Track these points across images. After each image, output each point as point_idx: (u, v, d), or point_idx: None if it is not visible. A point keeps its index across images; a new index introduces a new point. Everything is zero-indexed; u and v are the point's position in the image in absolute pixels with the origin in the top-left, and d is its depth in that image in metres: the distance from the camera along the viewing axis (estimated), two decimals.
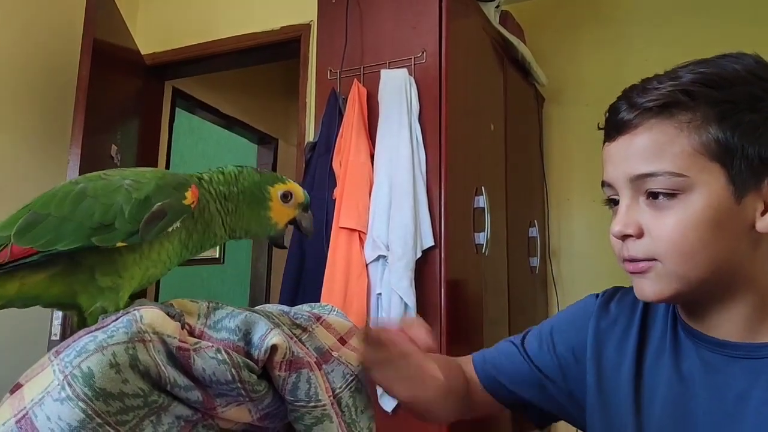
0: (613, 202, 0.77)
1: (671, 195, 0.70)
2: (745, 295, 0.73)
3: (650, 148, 0.71)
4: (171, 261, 0.67)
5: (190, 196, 0.65)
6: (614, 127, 0.75)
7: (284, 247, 0.77)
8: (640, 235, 0.73)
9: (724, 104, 0.69)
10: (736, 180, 0.69)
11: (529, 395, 0.94)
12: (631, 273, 0.75)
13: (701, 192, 0.69)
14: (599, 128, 0.79)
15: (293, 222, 0.76)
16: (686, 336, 0.79)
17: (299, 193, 0.75)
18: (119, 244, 0.61)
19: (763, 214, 0.70)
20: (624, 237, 0.74)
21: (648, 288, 0.74)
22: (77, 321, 0.65)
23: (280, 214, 0.74)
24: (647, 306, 0.86)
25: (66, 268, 0.62)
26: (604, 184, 0.78)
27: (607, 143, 0.77)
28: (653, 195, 0.71)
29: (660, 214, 0.71)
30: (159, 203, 0.63)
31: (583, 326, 0.91)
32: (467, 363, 1.00)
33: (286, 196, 0.74)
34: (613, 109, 0.76)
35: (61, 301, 0.63)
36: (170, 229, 0.64)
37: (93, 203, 0.62)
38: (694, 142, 0.69)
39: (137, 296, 0.67)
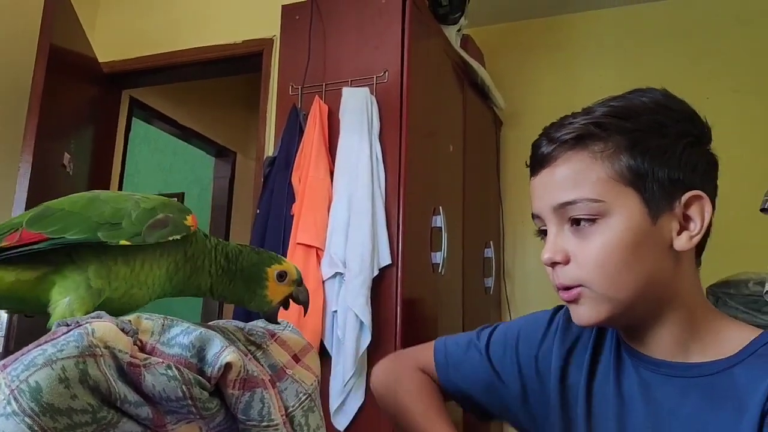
0: (544, 233, 0.81)
1: (592, 220, 0.74)
2: (673, 314, 0.77)
3: (569, 178, 0.75)
4: (154, 289, 0.70)
5: (191, 220, 0.70)
6: (537, 161, 0.80)
7: (277, 323, 0.81)
8: (567, 261, 0.76)
9: (633, 133, 0.74)
10: (650, 202, 0.73)
11: (482, 397, 0.97)
12: (566, 301, 0.79)
13: (619, 215, 0.73)
14: (527, 165, 0.84)
15: (289, 297, 0.80)
16: (627, 355, 0.83)
17: (293, 271, 0.79)
18: (123, 242, 0.65)
19: (678, 233, 0.75)
20: (553, 264, 0.78)
21: (582, 314, 0.77)
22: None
23: (275, 292, 0.78)
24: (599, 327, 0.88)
25: (61, 267, 0.65)
26: (534, 216, 0.82)
27: (532, 177, 0.82)
28: (576, 222, 0.75)
29: (583, 240, 0.75)
30: (163, 214, 0.68)
31: (546, 339, 0.93)
32: (428, 356, 1.02)
33: (282, 276, 0.78)
34: (535, 146, 0.81)
35: (45, 303, 0.65)
36: (171, 238, 0.67)
37: (104, 205, 0.67)
38: (608, 169, 0.74)
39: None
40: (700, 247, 0.79)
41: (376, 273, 1.97)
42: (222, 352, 0.58)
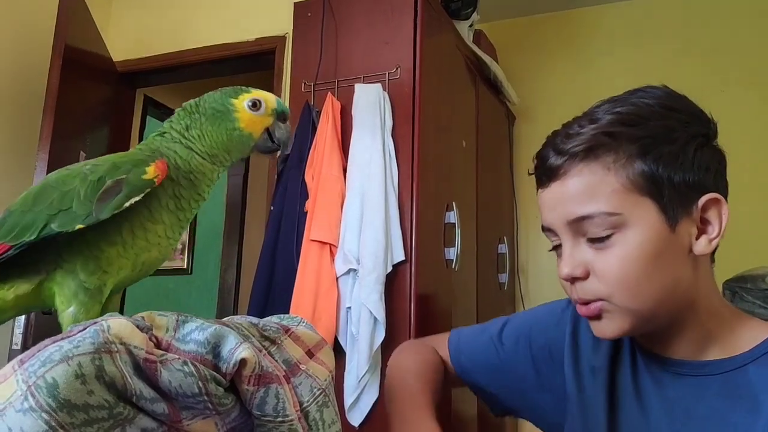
0: (558, 246, 0.79)
1: (609, 234, 0.72)
2: (693, 318, 0.76)
3: (583, 191, 0.73)
4: (168, 237, 0.67)
5: (151, 171, 0.64)
6: (545, 174, 0.77)
7: (276, 149, 0.74)
8: (586, 276, 0.74)
9: (643, 140, 0.72)
10: (668, 209, 0.72)
11: (497, 389, 0.97)
12: (586, 317, 0.77)
13: (637, 226, 0.72)
14: (530, 174, 0.82)
15: (267, 132, 0.73)
16: (640, 353, 0.82)
17: (270, 99, 0.72)
18: (78, 227, 0.60)
19: (697, 237, 0.73)
20: (572, 279, 0.76)
21: (605, 328, 0.75)
22: None
23: (252, 124, 0.71)
24: None
25: (52, 274, 0.63)
26: (544, 228, 0.80)
27: (540, 189, 0.79)
28: (593, 236, 0.73)
29: (602, 253, 0.73)
30: (113, 179, 0.62)
31: (559, 327, 0.93)
32: (442, 344, 1.02)
33: (255, 105, 0.72)
34: (541, 157, 0.78)
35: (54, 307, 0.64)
36: (128, 204, 0.62)
37: (52, 192, 0.62)
38: (622, 179, 0.72)
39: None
40: (715, 249, 0.77)
41: (389, 269, 1.97)
42: (237, 348, 0.58)
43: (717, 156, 0.76)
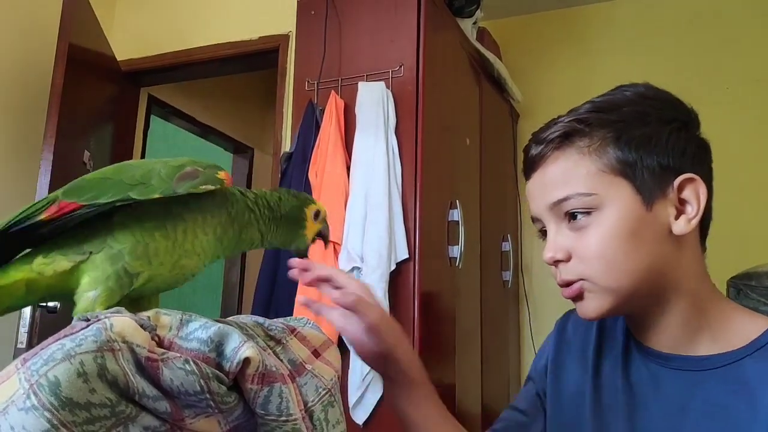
0: (545, 234, 0.82)
1: (587, 213, 0.75)
2: (678, 301, 0.77)
3: (560, 176, 0.77)
4: (205, 254, 0.71)
5: (223, 174, 0.70)
6: (528, 165, 0.82)
7: (306, 256, 0.87)
8: (568, 258, 0.77)
9: (616, 124, 0.75)
10: (642, 189, 0.74)
11: None
12: (569, 298, 0.79)
13: (612, 206, 0.74)
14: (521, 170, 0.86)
15: (319, 234, 0.86)
16: (636, 349, 0.83)
17: (323, 209, 0.85)
18: (155, 196, 0.65)
19: (676, 218, 0.75)
20: (556, 263, 0.78)
21: (587, 307, 0.78)
22: None
23: (311, 230, 0.85)
24: (603, 323, 0.89)
25: (93, 256, 0.65)
26: (533, 219, 0.83)
27: (527, 182, 0.83)
28: (572, 216, 0.76)
29: (581, 234, 0.76)
30: (192, 167, 0.69)
31: (546, 343, 0.97)
32: None
33: (317, 215, 0.84)
34: (525, 150, 0.83)
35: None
36: (203, 188, 0.67)
37: (134, 169, 0.68)
38: (596, 162, 0.75)
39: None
40: (703, 232, 0.79)
41: (393, 267, 1.97)
42: (240, 347, 0.58)
43: (696, 142, 0.77)
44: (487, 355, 2.70)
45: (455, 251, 2.30)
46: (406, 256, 2.00)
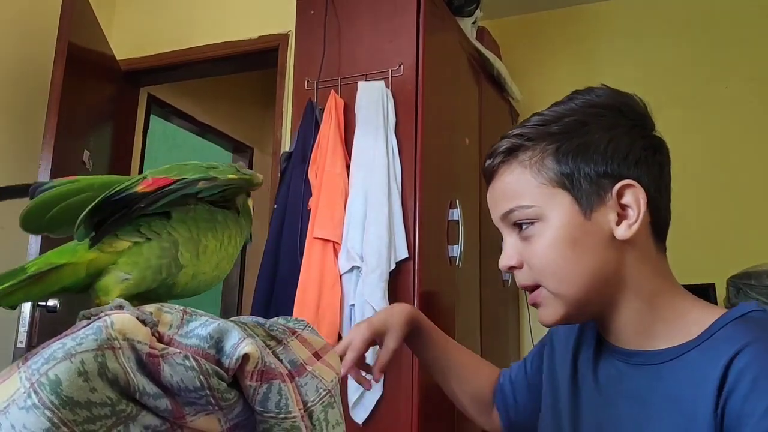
0: None
1: (531, 224, 0.79)
2: (629, 301, 0.79)
3: (506, 189, 0.81)
4: (229, 262, 0.74)
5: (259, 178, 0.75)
6: (485, 177, 0.87)
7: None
8: (521, 265, 0.81)
9: (556, 136, 0.79)
10: (580, 199, 0.77)
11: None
12: (531, 305, 0.83)
13: (554, 216, 0.78)
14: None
15: None
16: (605, 347, 0.85)
17: None
18: (230, 176, 0.69)
19: (618, 223, 0.77)
20: (511, 269, 0.83)
21: (543, 314, 0.82)
22: None
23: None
24: (583, 323, 0.92)
25: (148, 242, 0.67)
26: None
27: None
28: (519, 226, 0.81)
29: (528, 243, 0.80)
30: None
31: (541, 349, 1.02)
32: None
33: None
34: (483, 162, 0.87)
35: None
36: (260, 175, 0.73)
37: (192, 165, 0.71)
38: (536, 175, 0.79)
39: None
40: (659, 232, 0.80)
41: (393, 266, 1.97)
42: (240, 344, 0.58)
43: (641, 144, 0.78)
44: (487, 355, 2.69)
45: (455, 250, 2.30)
46: (406, 255, 2.00)
